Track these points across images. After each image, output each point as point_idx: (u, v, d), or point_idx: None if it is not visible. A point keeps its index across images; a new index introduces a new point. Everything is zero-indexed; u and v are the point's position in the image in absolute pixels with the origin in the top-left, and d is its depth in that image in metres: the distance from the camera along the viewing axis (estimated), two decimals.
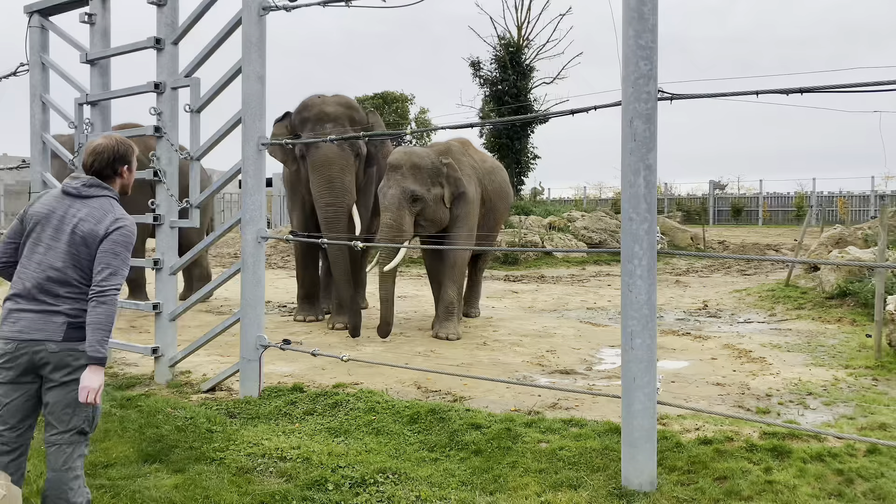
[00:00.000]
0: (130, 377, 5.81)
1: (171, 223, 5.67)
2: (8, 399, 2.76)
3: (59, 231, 2.81)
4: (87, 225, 2.81)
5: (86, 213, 2.82)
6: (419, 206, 7.40)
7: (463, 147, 8.43)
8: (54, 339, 2.73)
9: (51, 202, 2.87)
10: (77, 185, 2.87)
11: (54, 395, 2.75)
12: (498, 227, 8.97)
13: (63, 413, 2.76)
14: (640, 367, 3.49)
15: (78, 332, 2.77)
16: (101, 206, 2.86)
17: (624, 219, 3.52)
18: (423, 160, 7.50)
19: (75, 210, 2.83)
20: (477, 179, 8.15)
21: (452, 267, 7.86)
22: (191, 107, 5.49)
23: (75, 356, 2.76)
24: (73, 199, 2.86)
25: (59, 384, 2.75)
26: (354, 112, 8.18)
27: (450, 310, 7.80)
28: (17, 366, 2.73)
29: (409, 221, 7.34)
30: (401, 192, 7.28)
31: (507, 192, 8.95)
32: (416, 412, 4.62)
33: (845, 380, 5.77)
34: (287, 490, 3.56)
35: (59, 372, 2.74)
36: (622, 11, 3.46)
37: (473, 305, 9.25)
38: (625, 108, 3.47)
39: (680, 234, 19.68)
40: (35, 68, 6.53)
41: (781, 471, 3.62)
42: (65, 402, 2.76)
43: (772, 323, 8.81)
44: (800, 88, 3.12)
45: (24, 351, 2.72)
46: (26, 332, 2.72)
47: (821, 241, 12.15)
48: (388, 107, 33.12)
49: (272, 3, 5.09)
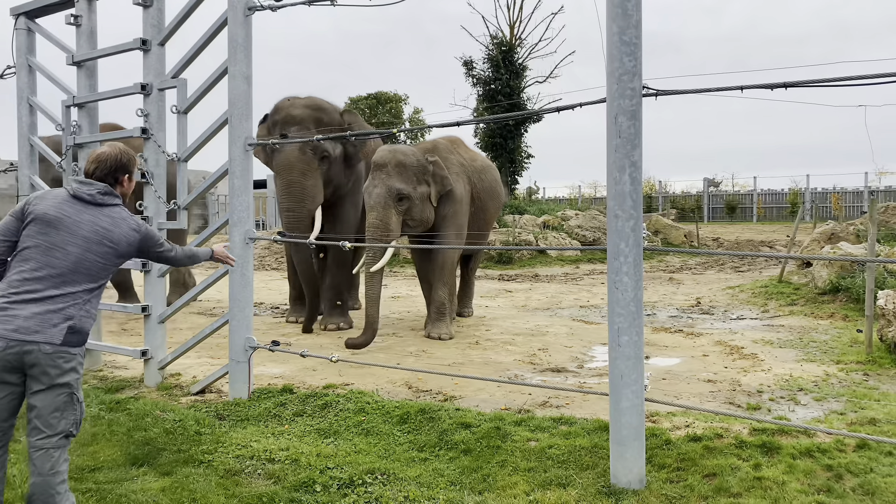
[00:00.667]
0: (120, 380, 5.78)
1: (159, 224, 5.64)
2: None
3: (75, 236, 2.82)
4: (117, 234, 2.92)
5: (109, 222, 2.91)
6: (405, 204, 7.32)
7: (452, 145, 8.36)
8: (52, 341, 2.70)
9: (61, 206, 2.86)
10: (93, 193, 2.90)
11: (43, 399, 2.73)
12: (489, 226, 8.91)
13: (51, 417, 2.73)
14: (628, 364, 3.48)
15: (76, 337, 2.76)
16: (121, 215, 2.97)
17: (609, 216, 3.51)
18: (409, 158, 7.43)
19: (95, 217, 2.88)
20: (466, 177, 8.09)
21: (441, 268, 7.81)
22: (178, 108, 5.46)
23: (67, 358, 2.74)
24: (88, 205, 2.89)
25: (48, 388, 2.72)
26: (322, 114, 8.07)
27: (441, 310, 7.78)
28: (5, 363, 2.68)
29: (396, 221, 7.26)
30: (386, 191, 7.20)
31: (497, 191, 8.85)
32: (406, 412, 4.60)
33: (836, 375, 5.77)
34: (274, 492, 3.54)
35: (48, 375, 2.71)
36: (606, 8, 3.45)
37: (466, 305, 9.19)
38: (609, 105, 3.46)
39: (674, 232, 19.68)
40: (22, 70, 6.49)
41: (770, 467, 3.61)
42: (53, 406, 2.73)
43: (764, 319, 8.82)
44: (783, 83, 3.11)
45: (14, 350, 2.67)
46: (22, 331, 2.67)
47: (813, 237, 12.17)
48: (381, 107, 33.11)
49: (258, 3, 5.07)
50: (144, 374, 5.70)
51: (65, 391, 2.74)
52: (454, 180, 7.78)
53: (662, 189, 35.81)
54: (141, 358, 5.62)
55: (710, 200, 33.75)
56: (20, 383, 2.75)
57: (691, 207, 32.14)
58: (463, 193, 7.92)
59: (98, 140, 6.18)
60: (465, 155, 8.46)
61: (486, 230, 8.87)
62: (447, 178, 7.63)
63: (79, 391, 2.82)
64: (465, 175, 8.11)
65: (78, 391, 2.81)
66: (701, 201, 33.59)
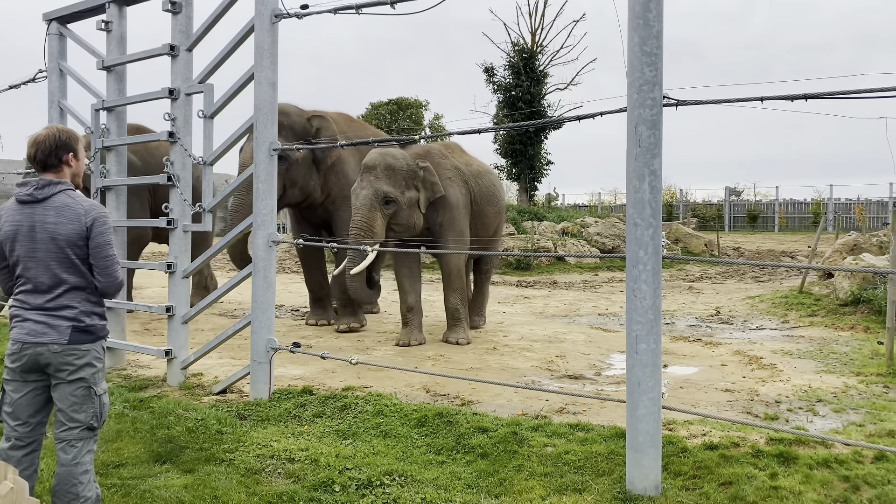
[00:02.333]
0: (143, 379, 5.89)
1: (185, 227, 5.75)
2: (18, 395, 2.85)
3: (35, 241, 2.82)
4: (64, 227, 2.82)
5: (54, 216, 2.82)
6: (392, 208, 7.24)
7: (446, 150, 8.19)
8: (59, 342, 2.80)
9: (13, 216, 2.85)
10: (30, 191, 2.84)
11: (61, 394, 2.84)
12: (489, 231, 8.53)
13: (70, 409, 2.84)
14: (645, 371, 3.50)
15: (84, 336, 2.86)
16: (64, 202, 2.84)
17: (629, 224, 3.54)
18: (398, 162, 7.32)
19: (41, 216, 2.82)
20: (461, 182, 7.91)
21: (448, 275, 7.73)
22: (204, 112, 5.57)
23: (78, 355, 2.83)
24: (33, 205, 2.84)
25: (65, 382, 2.83)
26: (283, 118, 7.80)
27: (456, 316, 7.76)
28: (23, 364, 2.82)
29: (381, 224, 7.18)
30: (373, 193, 7.14)
31: (496, 195, 8.54)
32: (424, 415, 4.65)
33: (856, 387, 5.74)
34: (294, 491, 3.60)
35: (63, 371, 2.82)
36: (627, 18, 3.49)
37: (478, 314, 8.84)
38: (630, 114, 3.50)
39: (694, 241, 19.58)
40: (53, 74, 6.65)
41: (787, 477, 3.62)
42: (71, 400, 2.84)
43: (784, 330, 8.77)
44: (804, 95, 3.13)
45: (28, 351, 2.81)
46: (33, 334, 2.81)
47: (835, 248, 12.06)
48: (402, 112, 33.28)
49: (284, 10, 5.16)
50: (167, 373, 5.80)
51: (81, 385, 2.84)
52: (448, 185, 7.66)
53: (683, 197, 35.65)
54: (164, 357, 5.72)
55: (731, 209, 33.54)
56: (41, 382, 2.87)
57: (712, 216, 31.96)
58: (458, 198, 7.76)
59: (125, 143, 6.32)
60: (459, 159, 8.26)
61: (488, 235, 8.57)
62: (437, 184, 7.50)
63: (97, 385, 2.88)
64: (461, 180, 7.93)
65: (96, 385, 2.88)
66: (722, 210, 33.39)
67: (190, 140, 5.76)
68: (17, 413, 2.85)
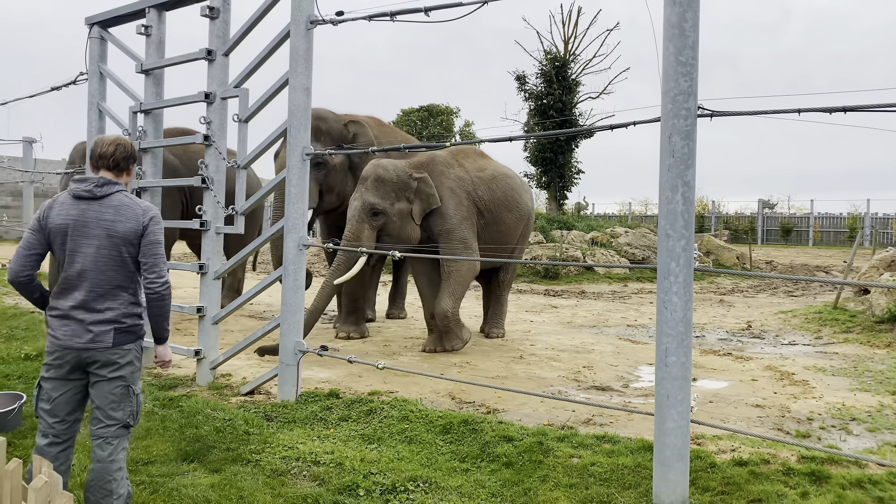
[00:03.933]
0: (173, 378, 5.96)
1: (217, 229, 5.83)
2: (57, 393, 2.90)
3: (88, 237, 2.87)
4: (122, 225, 2.90)
5: (112, 213, 2.90)
6: (380, 220, 7.23)
7: (453, 157, 8.02)
8: (105, 344, 2.86)
9: (67, 210, 2.90)
10: (89, 188, 2.91)
11: (101, 390, 2.89)
12: (509, 238, 8.24)
13: (109, 408, 2.89)
14: (674, 384, 3.46)
15: (126, 336, 2.92)
16: (122, 202, 2.94)
17: (660, 235, 3.51)
18: (389, 174, 7.30)
19: (97, 212, 2.89)
20: (465, 193, 7.73)
21: (448, 278, 7.50)
22: (239, 116, 5.64)
23: (121, 354, 2.90)
24: (89, 201, 2.91)
25: (106, 379, 2.88)
26: (321, 123, 7.95)
27: (445, 323, 7.42)
28: (66, 363, 2.88)
29: (369, 235, 7.17)
30: (362, 206, 7.18)
31: (514, 199, 8.22)
32: (449, 422, 4.64)
33: (892, 406, 5.61)
34: (319, 494, 3.62)
35: (107, 368, 2.88)
36: (663, 28, 3.46)
37: (495, 324, 8.64)
38: (664, 125, 3.47)
39: (726, 253, 19.31)
40: (93, 77, 6.80)
41: (818, 496, 3.54)
42: (111, 398, 2.89)
43: (817, 346, 8.60)
44: (842, 107, 3.08)
45: (72, 354, 2.87)
46: (76, 336, 2.86)
47: (872, 264, 11.80)
48: (433, 119, 33.40)
49: (320, 16, 5.21)
50: (197, 373, 5.87)
51: (121, 384, 2.90)
52: (447, 196, 7.53)
53: (715, 209, 35.21)
54: (194, 357, 5.80)
55: (765, 222, 33.03)
56: (81, 381, 2.93)
57: (745, 229, 31.50)
58: (455, 210, 7.59)
59: (162, 145, 6.42)
60: (469, 166, 8.03)
61: (509, 242, 8.26)
62: (434, 195, 7.41)
63: (135, 384, 2.96)
64: (464, 190, 7.74)
65: (134, 384, 2.95)
66: (755, 223, 32.90)
67: (224, 143, 5.84)
68: (56, 410, 2.90)
